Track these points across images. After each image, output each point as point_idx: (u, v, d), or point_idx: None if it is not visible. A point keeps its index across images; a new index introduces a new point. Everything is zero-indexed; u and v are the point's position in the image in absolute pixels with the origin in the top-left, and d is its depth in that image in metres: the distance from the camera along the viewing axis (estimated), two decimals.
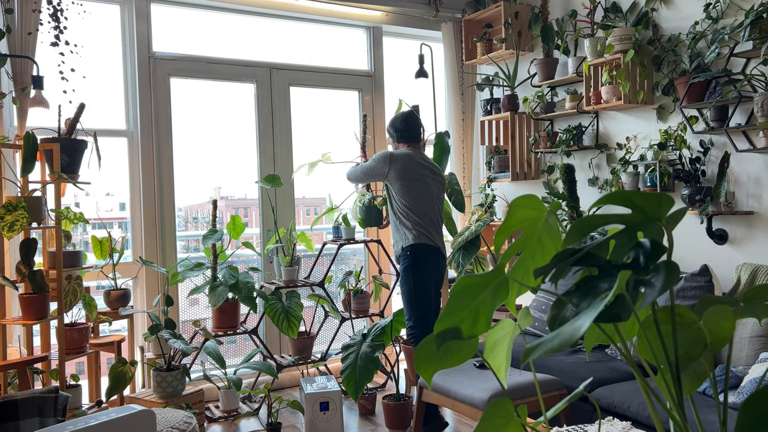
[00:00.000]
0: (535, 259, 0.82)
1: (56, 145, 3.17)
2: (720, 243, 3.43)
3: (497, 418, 0.77)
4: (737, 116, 3.30)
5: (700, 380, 0.77)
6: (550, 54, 4.39)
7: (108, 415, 1.60)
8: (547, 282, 0.73)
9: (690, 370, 0.78)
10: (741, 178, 3.34)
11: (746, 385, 2.53)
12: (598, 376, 2.99)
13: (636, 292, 0.65)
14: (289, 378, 4.31)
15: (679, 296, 3.15)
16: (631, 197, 0.69)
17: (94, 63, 3.86)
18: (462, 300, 0.78)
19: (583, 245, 0.73)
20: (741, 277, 3.11)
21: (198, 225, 4.68)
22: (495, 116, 4.67)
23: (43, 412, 2.08)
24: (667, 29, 3.67)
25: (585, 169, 4.21)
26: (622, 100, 3.69)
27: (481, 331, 0.79)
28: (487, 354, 0.87)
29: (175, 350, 3.44)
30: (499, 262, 0.78)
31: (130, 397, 3.48)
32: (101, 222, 3.85)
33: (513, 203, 0.81)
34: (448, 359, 0.81)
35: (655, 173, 3.57)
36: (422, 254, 3.34)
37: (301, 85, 4.58)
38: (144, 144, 4.02)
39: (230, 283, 3.63)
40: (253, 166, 4.44)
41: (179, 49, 4.17)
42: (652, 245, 0.69)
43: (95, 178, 3.54)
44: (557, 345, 0.61)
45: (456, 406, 2.73)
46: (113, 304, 3.62)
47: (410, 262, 3.34)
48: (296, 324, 3.74)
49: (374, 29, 4.85)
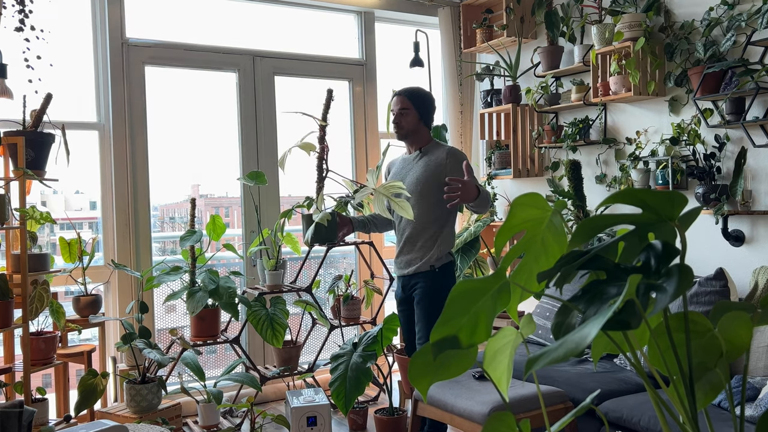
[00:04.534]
0: (539, 262, 0.82)
1: (21, 138, 3.15)
2: (736, 245, 3.45)
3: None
4: (755, 109, 3.32)
5: (715, 392, 0.78)
6: (554, 42, 4.40)
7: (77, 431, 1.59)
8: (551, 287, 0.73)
9: (704, 382, 0.78)
10: (759, 175, 3.36)
11: (764, 397, 2.54)
12: (606, 387, 3.00)
13: (647, 297, 0.65)
14: (273, 391, 4.31)
15: (693, 302, 3.16)
16: (642, 196, 0.69)
17: (63, 50, 3.84)
18: (460, 306, 0.78)
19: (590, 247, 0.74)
20: (759, 282, 3.13)
21: (175, 226, 4.66)
22: (495, 108, 4.68)
23: (6, 428, 2.07)
24: (680, 15, 3.69)
25: (592, 165, 4.23)
26: (632, 92, 3.70)
27: (481, 340, 0.79)
28: (487, 364, 0.87)
29: (150, 361, 3.43)
30: (500, 266, 0.78)
31: (102, 412, 3.47)
32: (70, 222, 3.83)
33: (515, 202, 0.81)
34: (445, 370, 0.81)
35: (667, 170, 3.59)
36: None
37: (287, 74, 4.57)
38: (116, 138, 4.00)
39: (210, 288, 3.62)
40: (235, 162, 4.43)
41: (155, 35, 4.16)
42: (663, 247, 0.69)
43: (63, 174, 3.52)
44: (562, 355, 0.61)
45: (454, 421, 2.73)
46: (83, 311, 3.61)
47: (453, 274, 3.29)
48: (281, 332, 3.74)
49: (366, 14, 4.85)
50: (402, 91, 3.29)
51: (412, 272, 3.19)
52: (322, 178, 3.47)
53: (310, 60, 4.64)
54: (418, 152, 3.26)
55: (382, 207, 3.07)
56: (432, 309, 3.12)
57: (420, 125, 3.26)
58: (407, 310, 3.29)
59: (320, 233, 3.28)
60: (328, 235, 3.31)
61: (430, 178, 3.16)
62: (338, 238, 3.41)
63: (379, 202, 3.06)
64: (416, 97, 3.26)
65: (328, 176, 3.47)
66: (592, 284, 0.71)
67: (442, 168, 3.14)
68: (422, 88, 3.37)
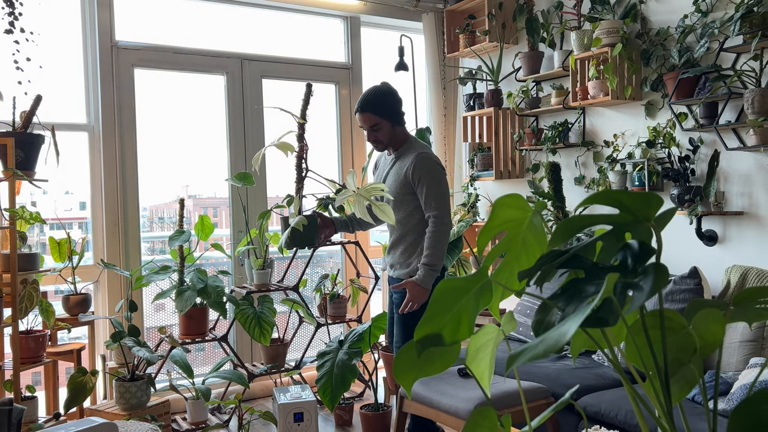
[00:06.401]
0: (520, 261, 0.82)
1: (11, 139, 3.11)
2: (710, 244, 3.48)
3: (480, 428, 0.77)
4: (727, 113, 3.36)
5: (689, 387, 0.79)
6: (535, 47, 4.42)
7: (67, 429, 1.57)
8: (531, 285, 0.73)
9: (679, 377, 0.79)
10: (731, 177, 3.40)
11: (736, 391, 2.57)
12: (585, 383, 3.02)
13: (624, 295, 0.66)
14: (261, 388, 4.29)
15: (668, 300, 3.19)
16: (619, 197, 0.69)
17: (52, 52, 3.80)
18: (443, 304, 0.78)
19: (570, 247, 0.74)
20: (731, 280, 3.16)
21: (164, 226, 4.63)
22: (478, 112, 4.70)
23: None
24: (655, 22, 3.73)
25: (571, 167, 4.25)
26: (609, 96, 3.73)
27: (464, 337, 0.79)
28: (470, 361, 0.87)
29: (139, 359, 3.40)
30: (483, 265, 0.78)
31: (91, 410, 3.43)
32: (59, 222, 3.79)
33: (497, 203, 0.81)
34: (429, 367, 0.81)
35: (643, 172, 3.62)
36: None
37: (275, 77, 4.56)
38: (106, 139, 3.96)
39: (198, 287, 3.60)
40: (224, 163, 4.40)
41: (144, 38, 4.12)
42: (640, 247, 0.70)
43: (53, 175, 3.48)
44: (542, 351, 0.61)
45: (439, 417, 2.73)
46: (72, 310, 3.57)
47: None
48: (269, 330, 3.72)
49: (352, 19, 4.84)
50: (365, 107, 2.98)
51: (395, 276, 3.12)
52: (301, 178, 3.26)
53: (297, 63, 4.63)
54: (395, 154, 3.11)
55: (363, 210, 2.87)
56: (408, 317, 2.99)
57: (395, 130, 3.04)
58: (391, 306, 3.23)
59: (295, 238, 3.06)
60: (304, 240, 3.08)
61: (401, 188, 2.99)
62: (320, 240, 3.23)
63: (360, 206, 2.84)
64: (380, 107, 2.97)
65: (308, 176, 3.27)
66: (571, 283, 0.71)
67: (409, 181, 2.96)
68: (380, 91, 3.02)
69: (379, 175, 3.20)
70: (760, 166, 3.28)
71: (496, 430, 0.77)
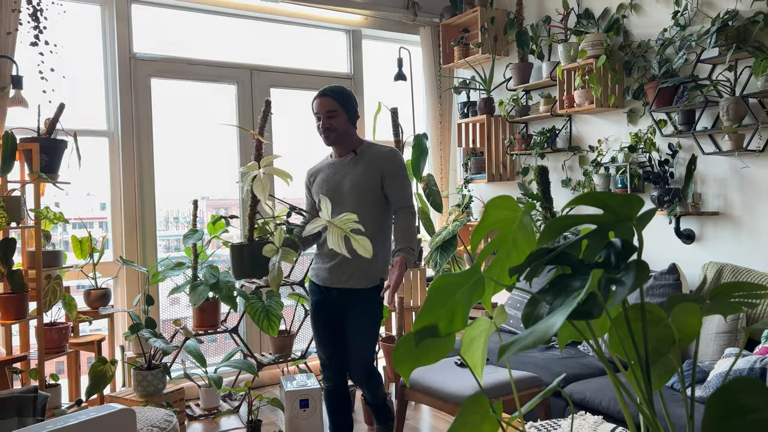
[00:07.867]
0: (511, 258, 0.82)
1: (36, 144, 3.11)
2: (687, 242, 3.48)
3: (473, 415, 0.77)
4: (704, 120, 3.36)
5: (668, 375, 0.79)
6: (525, 59, 4.42)
7: (88, 414, 1.57)
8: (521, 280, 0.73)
9: (659, 366, 0.79)
10: (707, 180, 3.40)
11: (712, 379, 2.57)
12: (572, 372, 3.02)
13: (607, 290, 0.66)
14: (269, 376, 4.29)
15: (649, 294, 3.19)
16: (603, 198, 0.69)
17: (74, 63, 3.80)
18: (439, 298, 0.78)
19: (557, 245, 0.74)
20: (707, 276, 3.16)
21: (179, 225, 4.62)
22: (472, 119, 4.70)
23: (22, 412, 2.04)
24: (637, 35, 3.72)
25: (558, 170, 4.25)
26: (594, 104, 3.73)
27: (458, 329, 0.79)
28: (464, 351, 0.87)
29: (155, 349, 3.40)
30: (476, 261, 0.78)
31: (111, 396, 3.43)
32: (81, 222, 3.79)
33: (489, 204, 0.82)
34: (425, 356, 0.81)
35: (625, 175, 3.62)
36: None
37: (282, 86, 4.55)
38: (125, 144, 3.96)
39: (211, 282, 3.60)
40: (234, 167, 4.40)
41: (160, 50, 4.12)
42: (622, 245, 0.70)
43: (75, 178, 3.48)
44: (531, 342, 0.61)
45: (437, 404, 2.73)
46: (93, 304, 3.57)
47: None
48: (276, 323, 3.72)
49: (354, 32, 4.84)
50: (327, 92, 2.66)
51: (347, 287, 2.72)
52: (255, 202, 2.57)
53: (303, 74, 4.62)
54: (353, 155, 2.73)
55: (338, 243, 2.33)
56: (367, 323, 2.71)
57: (349, 126, 2.71)
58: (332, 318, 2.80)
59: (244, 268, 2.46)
60: (255, 269, 2.46)
61: (369, 188, 2.66)
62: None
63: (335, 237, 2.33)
64: (342, 96, 2.67)
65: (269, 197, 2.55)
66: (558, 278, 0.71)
67: (381, 175, 2.67)
68: (343, 87, 2.72)
69: (326, 182, 2.76)
70: (734, 170, 3.28)
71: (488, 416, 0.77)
